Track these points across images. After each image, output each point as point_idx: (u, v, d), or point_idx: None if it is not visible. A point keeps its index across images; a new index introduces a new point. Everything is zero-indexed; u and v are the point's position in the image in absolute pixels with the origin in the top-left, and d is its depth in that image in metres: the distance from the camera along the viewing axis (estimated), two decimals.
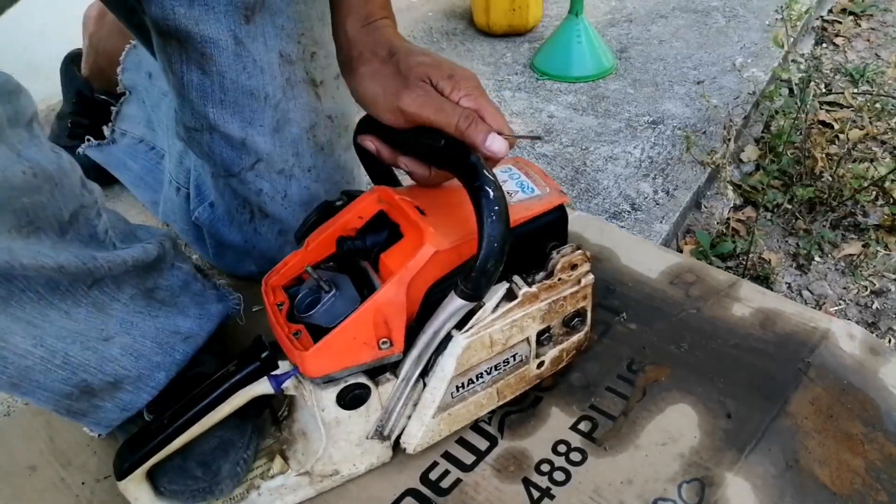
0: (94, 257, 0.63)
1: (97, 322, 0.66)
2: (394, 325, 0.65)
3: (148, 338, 0.71)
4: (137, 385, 0.72)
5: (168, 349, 0.74)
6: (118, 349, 0.69)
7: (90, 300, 0.65)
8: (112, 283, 0.67)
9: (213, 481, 0.71)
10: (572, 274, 0.73)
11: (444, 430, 0.75)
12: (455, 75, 0.67)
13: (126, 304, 0.69)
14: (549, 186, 0.75)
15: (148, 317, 0.72)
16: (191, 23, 0.76)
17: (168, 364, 0.74)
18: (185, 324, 0.76)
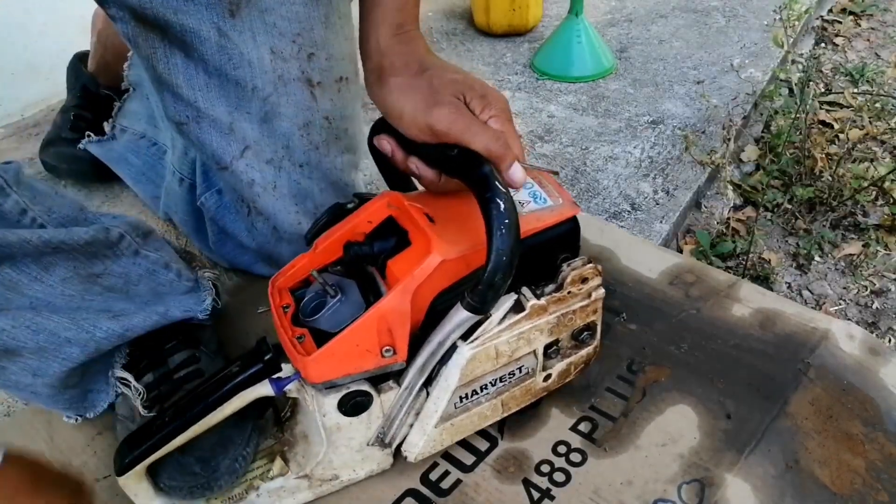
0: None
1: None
2: (398, 333, 0.65)
3: (58, 313, 0.70)
4: (42, 355, 0.71)
5: (86, 326, 0.72)
6: (8, 321, 0.67)
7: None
8: (34, 263, 0.67)
9: (212, 477, 0.70)
10: (582, 287, 0.72)
11: (446, 440, 0.75)
12: (487, 96, 0.67)
13: (52, 287, 0.68)
14: (562, 197, 0.74)
15: (78, 299, 0.71)
16: (169, 12, 0.76)
17: (84, 340, 0.73)
18: (122, 305, 0.75)
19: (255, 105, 0.82)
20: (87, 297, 0.71)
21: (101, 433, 0.85)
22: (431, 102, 0.65)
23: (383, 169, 0.77)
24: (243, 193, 0.91)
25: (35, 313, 0.69)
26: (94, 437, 0.85)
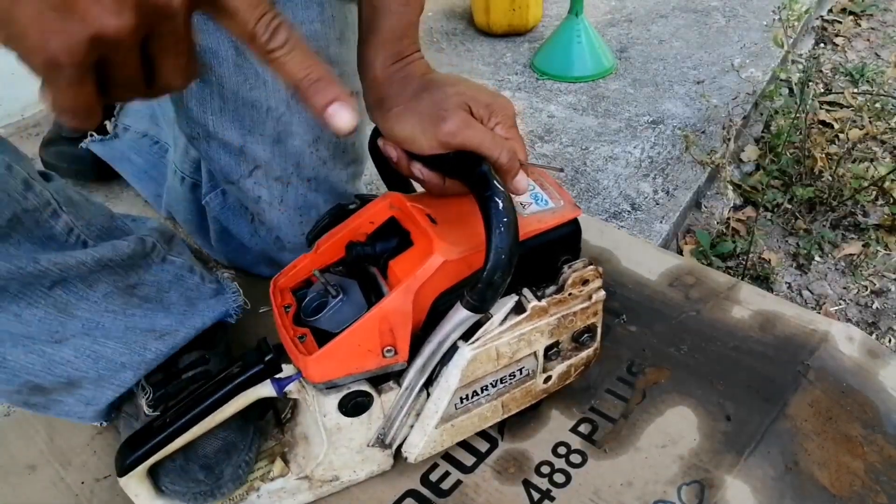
0: (37, 260, 0.62)
1: (52, 324, 0.65)
2: (399, 333, 0.65)
3: (111, 338, 0.70)
4: (99, 384, 0.72)
5: (137, 348, 0.73)
6: (71, 351, 0.68)
7: (51, 301, 0.65)
8: (81, 282, 0.66)
9: (216, 485, 0.71)
10: (583, 289, 0.72)
11: (446, 441, 0.75)
12: (492, 104, 0.67)
13: (96, 303, 0.68)
14: (564, 199, 0.74)
15: (121, 315, 0.71)
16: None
17: (136, 363, 0.73)
18: (164, 321, 0.75)
19: (268, 126, 0.82)
20: (128, 312, 0.71)
21: (100, 432, 0.85)
22: (437, 119, 0.64)
23: (383, 171, 0.77)
24: (248, 206, 0.91)
25: (92, 340, 0.69)
26: (94, 436, 0.85)
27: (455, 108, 0.64)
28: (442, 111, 0.64)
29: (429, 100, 0.66)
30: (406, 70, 0.68)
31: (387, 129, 0.69)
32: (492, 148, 0.63)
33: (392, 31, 0.67)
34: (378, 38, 0.68)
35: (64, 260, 0.65)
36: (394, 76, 0.68)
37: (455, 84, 0.67)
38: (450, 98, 0.65)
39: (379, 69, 0.68)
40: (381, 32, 0.68)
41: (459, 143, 0.64)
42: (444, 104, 0.65)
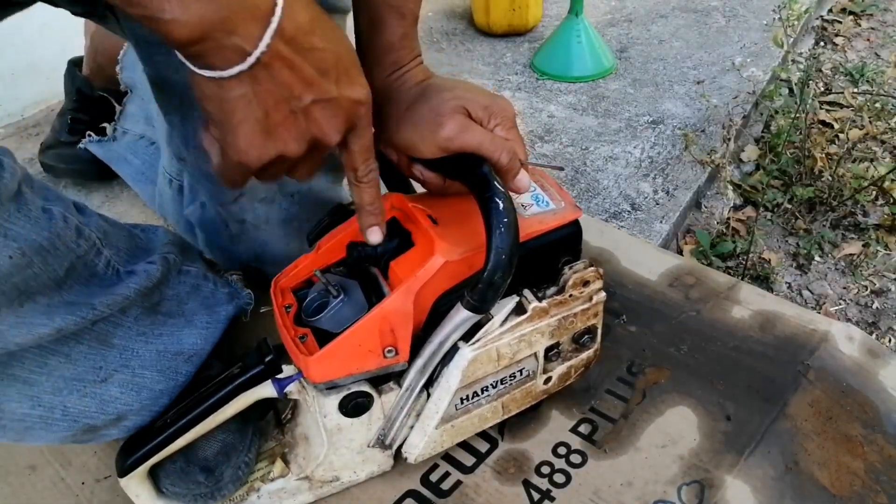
0: (93, 305, 0.63)
1: (96, 359, 0.65)
2: (400, 333, 0.65)
3: (148, 368, 0.70)
4: (141, 413, 0.71)
5: (171, 374, 0.72)
6: (116, 388, 0.68)
7: (94, 335, 0.64)
8: (119, 311, 0.66)
9: (216, 487, 0.71)
10: (584, 290, 0.72)
11: (446, 442, 0.75)
12: (490, 106, 0.67)
13: (129, 328, 0.68)
14: (564, 200, 0.74)
15: (151, 337, 0.70)
16: (170, 70, 0.76)
17: (171, 388, 0.73)
18: (190, 339, 0.74)
19: None
20: (156, 332, 0.71)
21: None
22: (435, 125, 0.64)
23: (384, 173, 0.77)
24: (231, 227, 0.91)
25: (131, 373, 0.68)
26: None
27: (452, 112, 0.64)
28: (439, 117, 0.64)
29: (426, 106, 0.66)
30: (403, 78, 0.68)
31: (386, 138, 0.69)
32: (491, 149, 0.64)
33: (388, 43, 0.67)
34: (374, 49, 0.68)
35: (112, 299, 0.64)
36: (391, 85, 0.68)
37: (452, 88, 0.67)
38: (447, 103, 0.65)
39: (377, 80, 0.68)
40: (378, 45, 0.68)
41: (458, 146, 0.64)
42: (441, 109, 0.65)
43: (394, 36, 0.67)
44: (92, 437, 0.70)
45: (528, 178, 0.68)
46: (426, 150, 0.66)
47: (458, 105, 0.65)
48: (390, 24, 0.67)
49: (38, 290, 0.58)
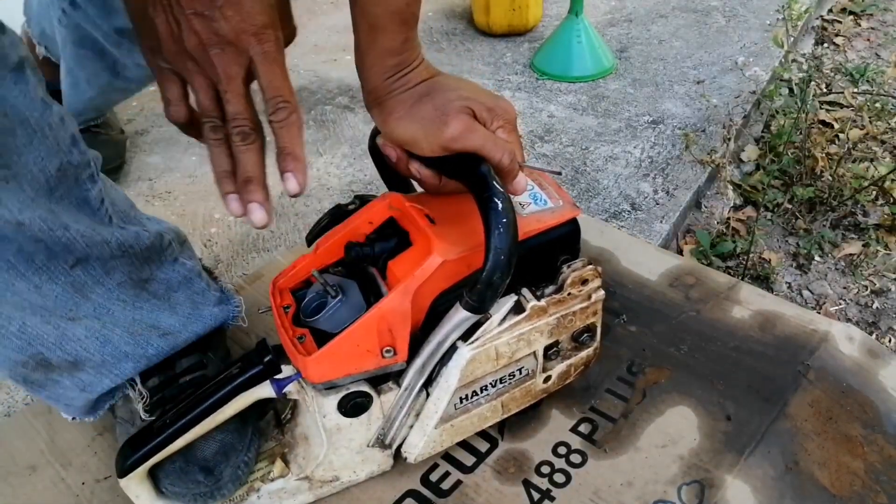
0: (74, 230, 0.62)
1: (68, 302, 0.66)
2: (398, 333, 0.65)
3: (119, 326, 0.71)
4: (100, 370, 0.72)
5: (140, 341, 0.73)
6: (83, 330, 0.69)
7: (70, 280, 0.65)
8: (100, 266, 0.67)
9: (216, 486, 0.71)
10: (583, 289, 0.72)
11: (446, 441, 0.75)
12: (494, 108, 0.67)
13: (110, 290, 0.69)
14: (563, 199, 0.74)
15: (130, 307, 0.71)
16: None
17: (138, 356, 0.74)
18: (169, 321, 0.75)
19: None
20: (136, 304, 0.72)
21: (101, 434, 0.85)
22: (440, 123, 0.64)
23: (383, 171, 0.77)
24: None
25: (101, 324, 0.69)
26: (95, 437, 0.85)
27: (457, 112, 0.65)
28: (444, 116, 0.64)
29: (430, 104, 0.66)
30: (407, 78, 0.68)
31: (388, 132, 0.69)
32: (493, 150, 0.64)
33: (390, 47, 0.67)
34: (375, 53, 0.68)
35: (91, 234, 0.65)
36: (393, 85, 0.68)
37: (457, 88, 0.67)
38: (452, 102, 0.65)
39: (378, 81, 0.68)
40: (379, 49, 0.67)
41: (461, 146, 0.64)
42: (446, 108, 0.65)
43: (395, 41, 0.67)
44: (41, 376, 0.71)
45: (525, 181, 0.68)
46: (428, 148, 0.66)
47: (463, 105, 0.65)
48: (391, 29, 0.66)
49: (24, 175, 0.58)
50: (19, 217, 0.58)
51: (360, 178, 1.36)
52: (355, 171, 1.38)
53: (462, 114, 0.65)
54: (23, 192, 0.58)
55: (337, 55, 1.84)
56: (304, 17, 2.07)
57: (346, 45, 1.86)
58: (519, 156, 0.67)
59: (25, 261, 0.61)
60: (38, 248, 0.61)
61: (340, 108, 1.60)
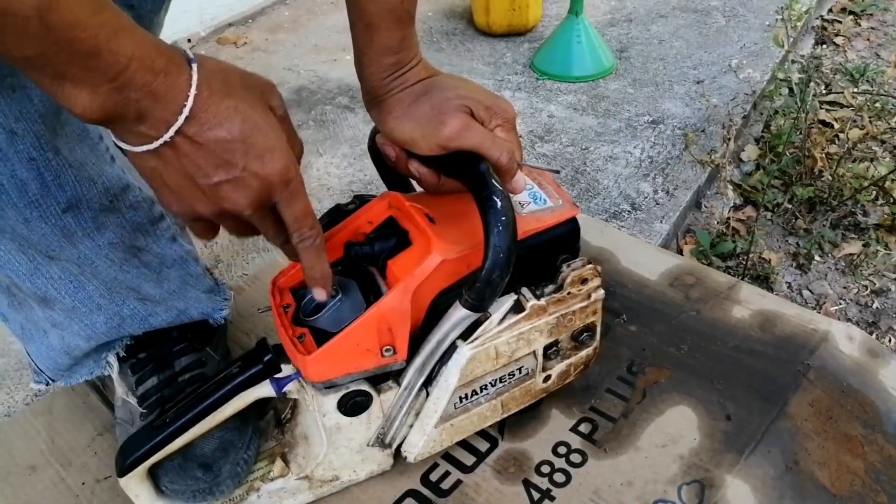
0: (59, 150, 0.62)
1: (52, 244, 0.66)
2: (398, 332, 0.65)
3: (99, 278, 0.71)
4: (71, 315, 0.73)
5: (116, 298, 0.74)
6: (58, 271, 0.69)
7: (60, 224, 0.65)
8: (91, 218, 0.67)
9: (214, 482, 0.71)
10: (582, 288, 0.72)
11: (445, 441, 0.75)
12: (492, 106, 0.67)
13: (100, 247, 0.69)
14: (562, 198, 0.74)
15: (116, 268, 0.72)
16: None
17: (111, 312, 0.74)
18: (153, 290, 0.76)
19: None
20: (123, 267, 0.72)
21: (101, 434, 0.85)
22: (438, 122, 0.64)
23: (382, 171, 0.77)
24: None
25: (80, 271, 0.70)
26: (95, 437, 0.85)
27: (455, 110, 0.65)
28: (442, 114, 0.64)
29: (428, 103, 0.66)
30: (405, 77, 0.68)
31: (387, 131, 0.69)
32: (492, 149, 0.64)
33: (387, 47, 0.67)
34: (373, 52, 0.68)
35: (81, 167, 0.65)
36: (392, 84, 0.68)
37: (455, 87, 0.67)
38: (450, 101, 0.65)
39: (377, 80, 0.68)
40: (376, 48, 0.67)
41: (459, 145, 0.64)
42: (444, 107, 0.65)
43: (392, 40, 0.67)
44: (18, 300, 0.72)
45: (524, 180, 0.68)
46: (426, 147, 0.66)
47: (461, 104, 0.65)
48: (388, 28, 0.66)
49: (30, 85, 0.57)
50: (14, 126, 0.58)
51: (360, 178, 1.36)
52: (355, 171, 1.38)
53: (460, 112, 0.65)
54: (31, 103, 0.58)
55: (337, 55, 1.84)
56: (304, 17, 2.07)
57: (346, 45, 1.86)
58: (518, 155, 0.67)
59: (19, 189, 0.61)
60: (31, 175, 0.61)
61: (340, 108, 1.60)
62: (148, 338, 0.80)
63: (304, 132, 1.53)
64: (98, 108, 0.47)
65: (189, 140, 0.51)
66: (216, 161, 0.52)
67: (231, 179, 0.53)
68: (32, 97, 0.58)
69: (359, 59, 0.69)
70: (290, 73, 1.77)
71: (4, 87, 0.56)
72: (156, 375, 0.79)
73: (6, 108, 0.57)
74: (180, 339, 0.82)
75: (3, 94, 0.56)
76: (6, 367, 1.00)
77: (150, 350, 0.80)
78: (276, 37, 1.97)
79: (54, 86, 0.46)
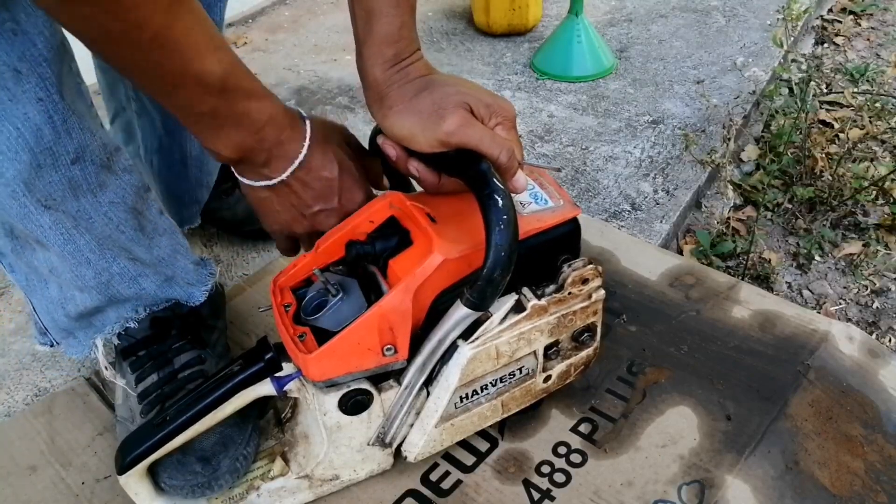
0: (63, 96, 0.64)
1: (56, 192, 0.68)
2: (399, 332, 0.65)
3: (91, 233, 0.73)
4: (63, 260, 0.73)
5: (107, 254, 0.75)
6: (49, 220, 0.69)
7: (69, 175, 0.67)
8: (94, 173, 0.69)
9: (213, 476, 0.71)
10: (583, 288, 0.72)
11: (446, 440, 0.75)
12: (492, 104, 0.67)
13: (100, 204, 0.71)
14: (563, 198, 0.74)
15: (112, 227, 0.74)
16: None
17: (100, 268, 0.75)
18: (144, 254, 0.78)
19: None
20: (121, 228, 0.74)
21: (101, 433, 0.85)
22: (437, 117, 0.64)
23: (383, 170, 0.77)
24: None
25: (74, 224, 0.71)
26: (95, 437, 0.85)
27: (455, 106, 0.64)
28: (442, 110, 0.64)
29: (429, 99, 0.66)
30: (406, 71, 0.68)
31: (387, 127, 0.69)
32: (491, 146, 0.63)
33: (386, 33, 0.67)
34: (373, 41, 0.68)
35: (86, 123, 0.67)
36: (393, 77, 0.68)
37: (456, 84, 0.67)
38: (450, 97, 0.65)
39: (378, 72, 0.68)
40: (376, 36, 0.68)
41: (458, 141, 0.64)
42: (444, 103, 0.65)
43: (392, 26, 0.67)
44: (12, 242, 0.74)
45: (525, 179, 0.68)
46: (425, 143, 0.66)
47: (461, 100, 0.65)
48: (387, 13, 0.67)
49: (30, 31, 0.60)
50: (18, 65, 0.60)
51: None
52: None
53: (459, 109, 0.64)
54: (34, 47, 0.61)
55: (337, 55, 1.84)
56: (304, 17, 2.07)
57: (346, 45, 1.87)
58: (518, 154, 0.67)
59: (34, 133, 0.63)
60: (43, 119, 0.63)
61: (340, 108, 1.60)
62: (147, 336, 0.80)
63: None
64: (237, 153, 0.62)
65: (299, 181, 0.66)
66: (317, 195, 0.68)
67: (327, 209, 0.69)
68: (36, 42, 0.61)
69: (360, 52, 0.69)
70: (290, 73, 1.77)
71: (5, 31, 0.58)
72: (155, 372, 0.79)
73: (9, 48, 0.59)
74: (180, 336, 0.82)
75: (4, 35, 0.59)
76: (6, 367, 1.00)
77: (149, 347, 0.81)
78: (276, 37, 1.97)
79: (209, 133, 0.60)
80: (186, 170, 1.09)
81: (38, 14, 0.60)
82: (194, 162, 1.08)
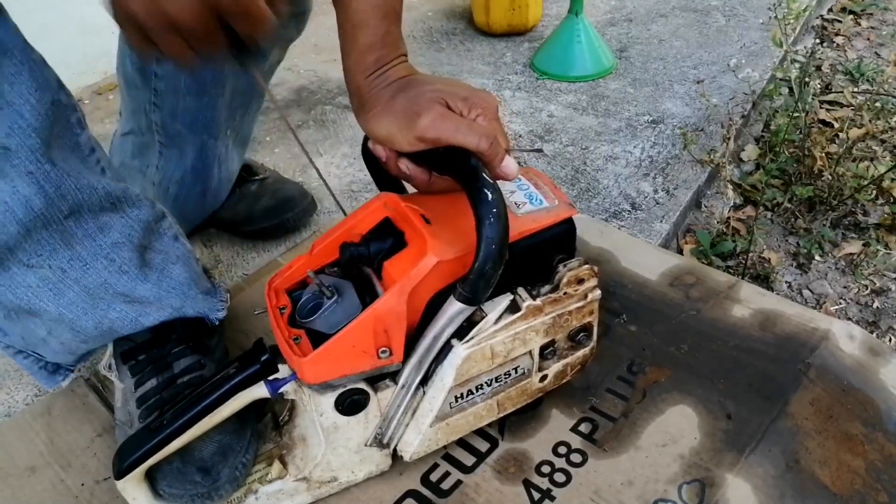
0: (54, 163, 0.62)
1: (44, 249, 0.66)
2: (394, 334, 0.65)
3: (79, 284, 0.71)
4: (59, 322, 0.72)
5: (100, 304, 0.73)
6: (35, 279, 0.68)
7: (61, 229, 0.66)
8: (90, 218, 0.68)
9: (213, 487, 0.71)
10: (579, 288, 0.72)
11: (441, 440, 0.75)
12: (470, 97, 0.66)
13: (100, 248, 0.70)
14: (558, 198, 0.74)
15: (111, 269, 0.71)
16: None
17: (98, 316, 0.74)
18: (147, 291, 0.76)
19: None
20: (124, 268, 0.72)
21: (100, 435, 0.85)
22: (413, 115, 0.64)
23: (375, 174, 0.77)
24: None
25: (61, 277, 0.69)
26: (94, 439, 0.85)
27: (430, 102, 0.64)
28: (416, 107, 0.64)
29: (404, 98, 0.66)
30: (386, 75, 0.69)
31: (368, 130, 0.70)
32: (468, 136, 0.62)
33: (370, 43, 0.68)
34: (357, 49, 0.68)
35: (78, 177, 0.65)
36: (373, 82, 0.69)
37: (432, 82, 0.68)
38: (425, 94, 0.65)
39: (361, 78, 0.69)
40: (361, 44, 0.68)
41: (434, 136, 0.63)
42: (418, 101, 0.65)
43: (375, 36, 0.68)
44: (3, 311, 0.71)
45: (514, 164, 0.66)
46: (405, 141, 0.66)
47: (435, 97, 0.65)
48: (372, 24, 0.67)
49: (16, 102, 0.59)
50: (6, 142, 0.58)
51: (360, 177, 1.36)
52: (355, 170, 1.38)
53: (434, 105, 0.64)
54: (22, 118, 0.59)
55: (337, 55, 1.82)
56: None
57: None
58: (502, 141, 0.66)
59: (23, 205, 0.61)
60: (33, 190, 0.61)
61: (340, 108, 1.60)
62: (147, 340, 0.80)
63: (303, 132, 1.53)
64: None
65: None
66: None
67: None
68: (23, 112, 0.59)
69: (345, 63, 0.70)
70: (290, 73, 1.77)
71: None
72: (155, 377, 0.78)
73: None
74: (180, 341, 0.82)
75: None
76: (6, 367, 1.00)
77: (149, 352, 0.80)
78: None
79: None
80: (204, 199, 1.09)
81: (22, 81, 0.59)
82: (212, 193, 1.07)
